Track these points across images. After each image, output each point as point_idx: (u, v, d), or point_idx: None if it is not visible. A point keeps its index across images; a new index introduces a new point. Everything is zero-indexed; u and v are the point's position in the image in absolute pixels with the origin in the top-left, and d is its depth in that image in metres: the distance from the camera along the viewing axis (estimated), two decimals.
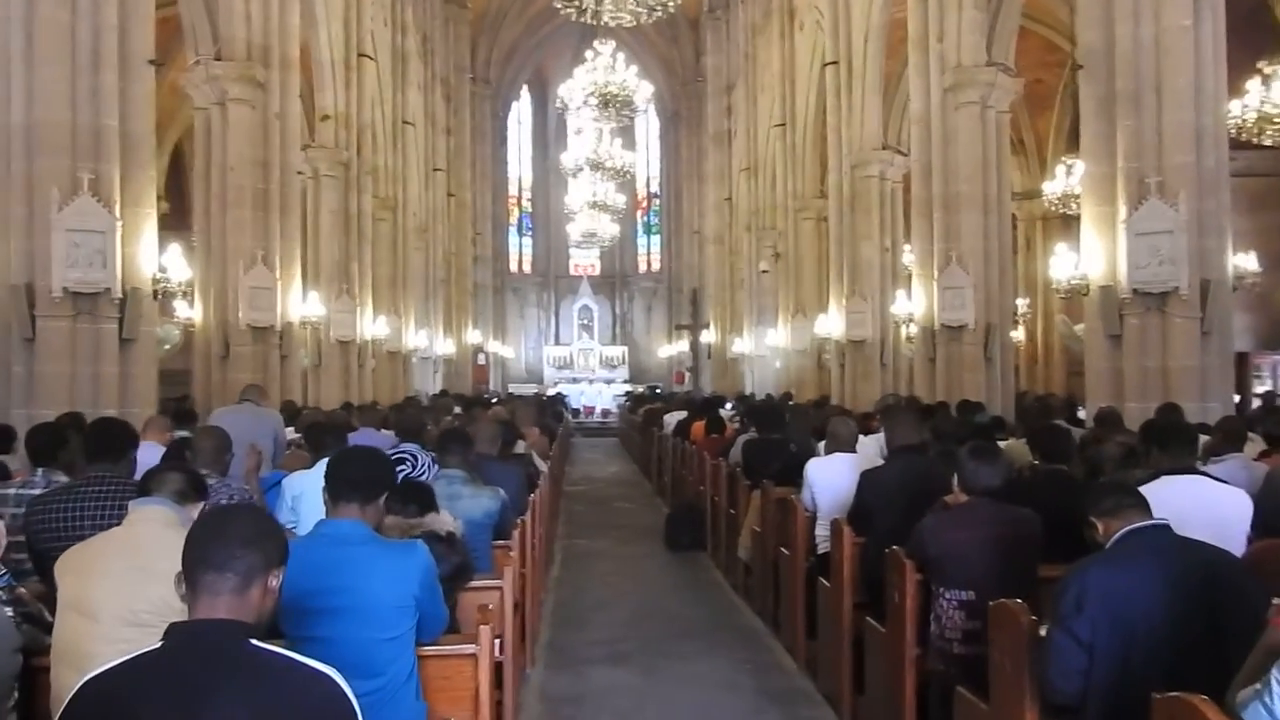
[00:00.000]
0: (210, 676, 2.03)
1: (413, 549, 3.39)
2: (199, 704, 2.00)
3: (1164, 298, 10.02)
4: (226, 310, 13.80)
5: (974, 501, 4.51)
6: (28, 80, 9.61)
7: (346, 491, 3.37)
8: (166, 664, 2.06)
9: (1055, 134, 24.45)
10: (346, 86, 19.66)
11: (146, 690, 2.03)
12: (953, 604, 4.34)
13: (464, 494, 5.22)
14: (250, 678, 2.07)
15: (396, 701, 3.17)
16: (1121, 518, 3.44)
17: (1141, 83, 10.16)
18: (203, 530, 2.27)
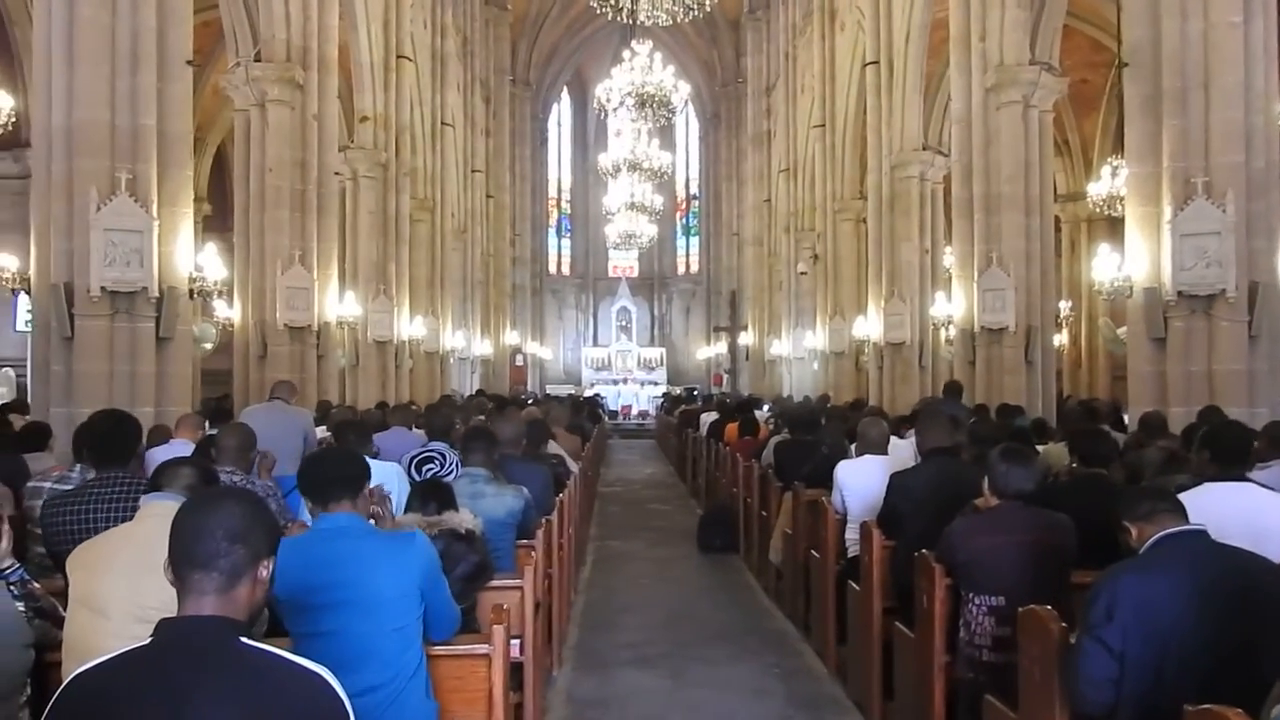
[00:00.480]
0: (197, 676, 1.98)
1: (412, 539, 3.36)
2: (185, 704, 1.95)
3: (1210, 300, 9.80)
4: (264, 310, 13.90)
5: (1005, 505, 4.38)
6: (68, 81, 9.73)
7: (336, 490, 3.34)
8: (154, 662, 2.02)
9: (1101, 135, 24.10)
10: (385, 88, 19.78)
11: (133, 688, 1.99)
12: (982, 610, 4.22)
13: (487, 492, 5.17)
14: (238, 677, 2.02)
15: (404, 697, 3.13)
16: (1156, 523, 3.32)
17: (1189, 81, 9.95)
18: (187, 523, 2.17)
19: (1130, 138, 10.86)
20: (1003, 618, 4.09)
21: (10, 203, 19.63)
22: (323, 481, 3.38)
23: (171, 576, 2.14)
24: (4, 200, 20.23)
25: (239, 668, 2.03)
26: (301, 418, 8.47)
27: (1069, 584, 4.21)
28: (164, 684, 1.98)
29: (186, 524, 2.16)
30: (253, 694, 2.00)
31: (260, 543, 2.19)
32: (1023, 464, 4.44)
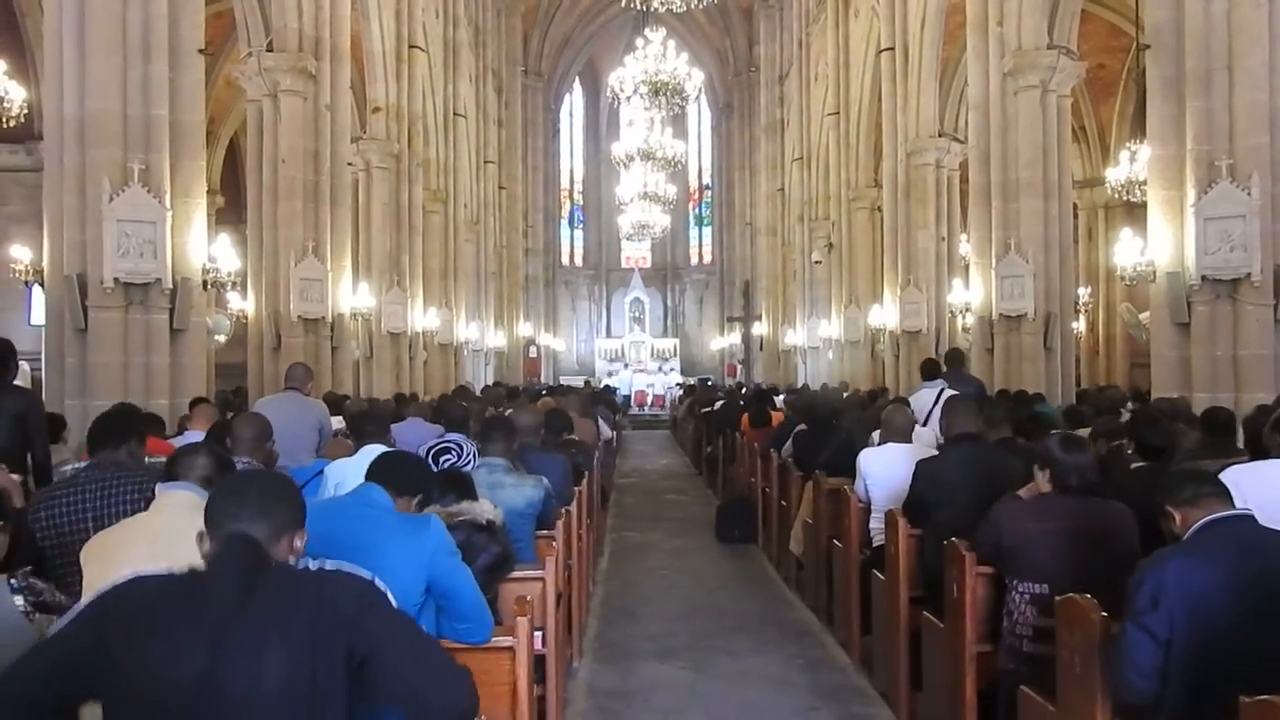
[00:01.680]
0: (249, 586, 2.08)
1: (425, 523, 3.33)
2: (239, 608, 2.05)
3: (1235, 284, 9.67)
4: (278, 302, 13.87)
5: (1054, 494, 4.20)
6: (80, 71, 9.69)
7: (387, 486, 3.45)
8: (200, 578, 2.12)
9: (1119, 120, 23.87)
10: (398, 78, 19.70)
11: (177, 600, 2.08)
12: (1025, 598, 4.08)
13: (506, 483, 5.09)
14: (288, 582, 2.16)
15: None
16: (1201, 507, 3.21)
17: (1212, 62, 9.79)
18: (225, 490, 2.33)
19: (1152, 120, 10.71)
20: (1045, 607, 3.95)
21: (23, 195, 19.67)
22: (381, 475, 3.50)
23: (206, 546, 2.22)
24: (17, 193, 20.27)
25: (287, 576, 2.20)
26: (317, 408, 8.35)
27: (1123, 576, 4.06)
28: (209, 605, 2.06)
29: (225, 491, 2.33)
30: (289, 609, 2.10)
31: (293, 511, 2.33)
32: (1084, 452, 4.27)
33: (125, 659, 2.02)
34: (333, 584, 2.23)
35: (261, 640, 2.03)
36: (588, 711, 5.74)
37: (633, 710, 5.76)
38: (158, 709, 2.00)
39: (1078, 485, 4.15)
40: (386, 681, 2.15)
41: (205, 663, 1.99)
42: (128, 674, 2.01)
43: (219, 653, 2.00)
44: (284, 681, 2.03)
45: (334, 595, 2.17)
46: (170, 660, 2.00)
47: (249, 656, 2.01)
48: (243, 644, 2.02)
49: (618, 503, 14.56)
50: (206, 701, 1.99)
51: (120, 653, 2.02)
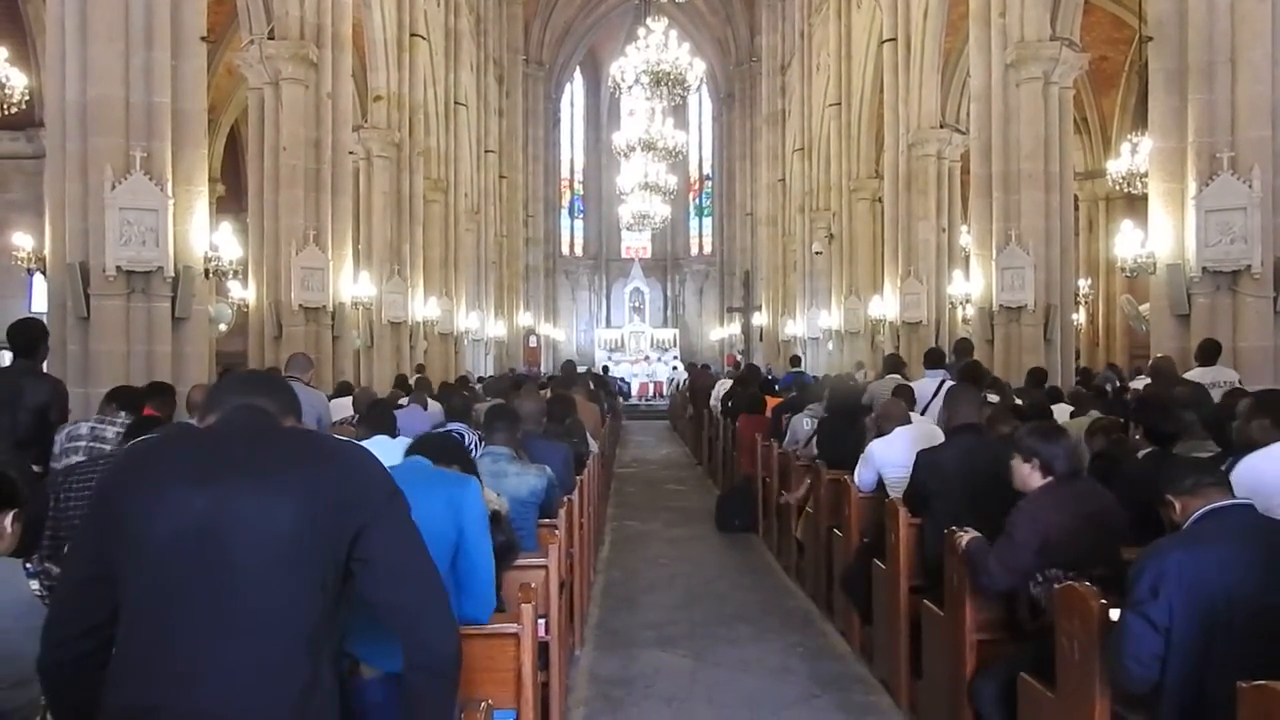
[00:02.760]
0: (254, 442, 2.12)
1: (467, 481, 3.36)
2: (245, 462, 2.06)
3: (1235, 276, 9.70)
4: (279, 290, 13.87)
5: (1060, 482, 4.23)
6: (82, 57, 9.69)
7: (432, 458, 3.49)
8: (204, 436, 2.18)
9: (1120, 113, 23.89)
10: (399, 66, 19.67)
11: (182, 457, 2.11)
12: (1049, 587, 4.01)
13: (509, 471, 5.09)
14: (292, 443, 2.17)
15: None
16: (1201, 496, 3.24)
17: (1215, 55, 9.81)
18: (227, 380, 2.38)
19: (1154, 112, 10.72)
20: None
21: (25, 182, 19.68)
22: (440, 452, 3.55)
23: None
24: (19, 180, 20.28)
25: (287, 438, 2.20)
26: (317, 399, 8.34)
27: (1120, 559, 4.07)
28: (217, 454, 2.09)
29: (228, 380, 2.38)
30: (300, 459, 2.11)
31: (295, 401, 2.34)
32: (1064, 436, 4.36)
33: (130, 512, 2.02)
34: (361, 457, 2.20)
35: (267, 491, 2.02)
36: (590, 699, 5.77)
37: (634, 697, 5.80)
38: (162, 559, 1.98)
39: (1067, 470, 4.21)
40: (385, 582, 2.10)
41: (207, 510, 1.98)
42: (134, 528, 2.00)
43: (222, 500, 1.99)
44: (287, 536, 2.01)
45: (358, 468, 2.16)
46: (171, 509, 1.99)
47: (252, 506, 2.00)
48: (246, 493, 2.01)
49: (618, 492, 14.59)
50: (208, 549, 1.97)
51: (126, 507, 2.03)
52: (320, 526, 2.03)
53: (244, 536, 1.98)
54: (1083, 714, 3.36)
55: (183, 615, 1.97)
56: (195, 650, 1.96)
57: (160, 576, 1.98)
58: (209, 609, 1.97)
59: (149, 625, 1.98)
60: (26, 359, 6.35)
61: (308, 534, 2.02)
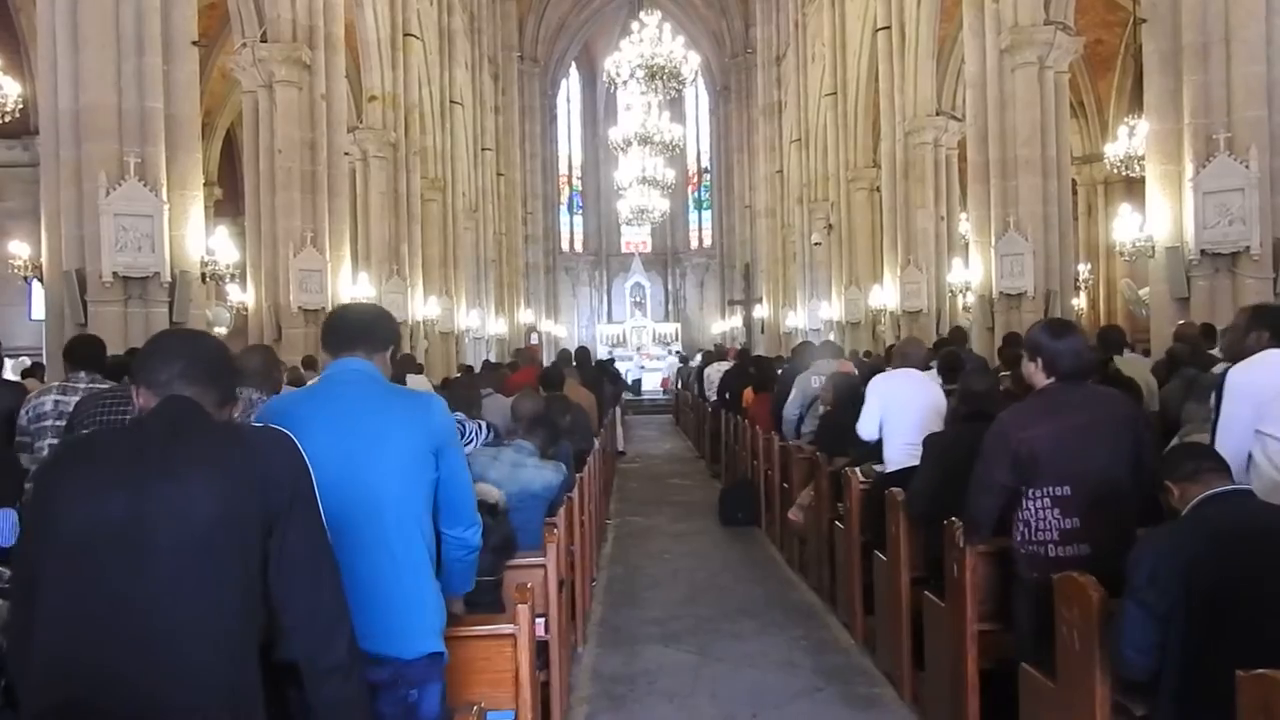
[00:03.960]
0: (173, 439, 2.10)
1: (430, 400, 3.01)
2: (164, 459, 2.06)
3: (1234, 258, 9.69)
4: (278, 293, 13.88)
5: (1057, 385, 3.95)
6: (74, 64, 9.72)
7: (346, 344, 2.98)
8: (131, 429, 2.20)
9: (1116, 96, 23.83)
10: (393, 66, 19.66)
11: (107, 449, 2.13)
12: (1043, 503, 3.89)
13: (528, 464, 5.12)
14: (211, 436, 2.15)
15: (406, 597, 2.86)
16: (1200, 483, 3.21)
17: (1209, 35, 9.79)
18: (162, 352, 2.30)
19: (1150, 95, 10.69)
20: (1069, 508, 3.85)
21: (21, 190, 19.66)
22: (336, 332, 3.04)
23: (144, 399, 2.23)
24: (15, 188, 20.26)
25: (209, 430, 2.17)
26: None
27: (1147, 462, 3.88)
28: (141, 446, 2.09)
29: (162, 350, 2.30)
30: (219, 448, 2.12)
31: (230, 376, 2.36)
32: (1075, 335, 4.02)
33: (52, 514, 2.03)
34: (275, 448, 2.20)
35: (186, 481, 2.03)
36: (593, 696, 5.75)
37: (637, 694, 5.78)
38: (89, 551, 1.99)
39: (1072, 369, 3.94)
40: (276, 572, 2.11)
41: (130, 502, 1.99)
42: (63, 522, 2.01)
43: (145, 491, 2.00)
44: (203, 537, 2.01)
45: (273, 461, 2.16)
46: (97, 500, 2.00)
47: (173, 496, 2.01)
48: (166, 484, 2.02)
49: (621, 487, 14.58)
50: (132, 541, 1.98)
51: (50, 508, 2.04)
52: (236, 525, 2.05)
53: (161, 539, 1.99)
54: (1083, 703, 3.35)
55: (104, 618, 1.97)
56: (118, 653, 1.96)
57: (80, 578, 1.99)
58: (129, 612, 1.97)
59: (70, 627, 1.98)
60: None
61: (223, 534, 2.03)
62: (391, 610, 2.76)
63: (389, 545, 2.79)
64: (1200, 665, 2.99)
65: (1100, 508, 3.85)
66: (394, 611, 2.76)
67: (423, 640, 2.82)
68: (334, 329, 3.05)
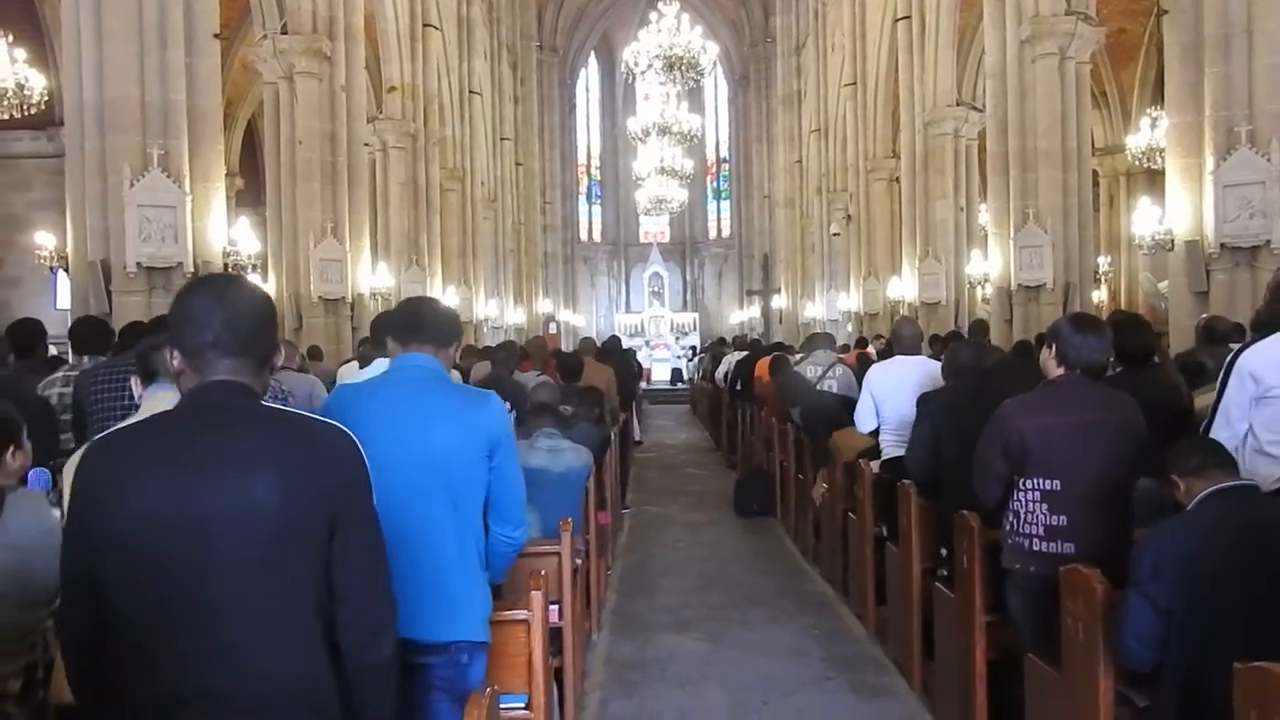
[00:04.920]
0: (224, 431, 2.01)
1: (486, 398, 3.08)
2: (216, 456, 1.98)
3: (1254, 252, 9.65)
4: (299, 283, 13.99)
5: (1065, 381, 3.95)
6: (98, 57, 9.81)
7: (416, 337, 3.09)
8: (179, 422, 2.05)
9: (1140, 86, 23.64)
10: (412, 57, 19.72)
11: (155, 444, 2.02)
12: (1034, 496, 3.92)
13: (564, 447, 5.36)
14: (266, 429, 2.06)
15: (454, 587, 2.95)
16: (1205, 478, 3.25)
17: (1231, 27, 9.72)
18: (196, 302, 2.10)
19: (1170, 87, 10.64)
20: (1056, 504, 3.86)
21: (46, 181, 19.88)
22: (407, 326, 3.14)
23: (179, 362, 2.10)
24: (40, 179, 20.49)
25: (265, 421, 2.07)
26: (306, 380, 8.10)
27: (1143, 467, 3.90)
28: (192, 439, 1.99)
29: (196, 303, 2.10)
30: (281, 444, 2.03)
31: (269, 333, 2.17)
32: (1098, 333, 3.99)
33: (111, 506, 1.96)
34: (333, 439, 2.11)
35: (249, 482, 1.96)
36: (605, 682, 5.84)
37: (649, 680, 5.86)
38: (151, 555, 1.94)
39: (1084, 366, 3.93)
40: (336, 570, 2.07)
41: (191, 503, 1.94)
42: (118, 522, 1.96)
43: (204, 493, 1.94)
44: (275, 527, 1.97)
45: (335, 453, 2.09)
46: (154, 500, 1.94)
47: (237, 498, 1.95)
48: (225, 476, 1.96)
49: (638, 476, 14.65)
50: (196, 544, 1.93)
51: (106, 501, 1.97)
52: (302, 526, 2.01)
53: (226, 543, 1.95)
54: (1087, 693, 3.40)
55: (177, 625, 1.96)
56: (198, 659, 1.95)
57: (146, 583, 1.96)
58: (201, 620, 1.96)
59: (142, 619, 1.97)
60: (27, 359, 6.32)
61: (290, 535, 2.00)
62: (441, 600, 2.88)
63: (441, 537, 2.90)
64: (1203, 658, 3.03)
65: (1091, 508, 3.86)
66: (444, 601, 2.89)
67: (470, 629, 2.95)
68: (407, 321, 3.15)
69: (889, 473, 6.09)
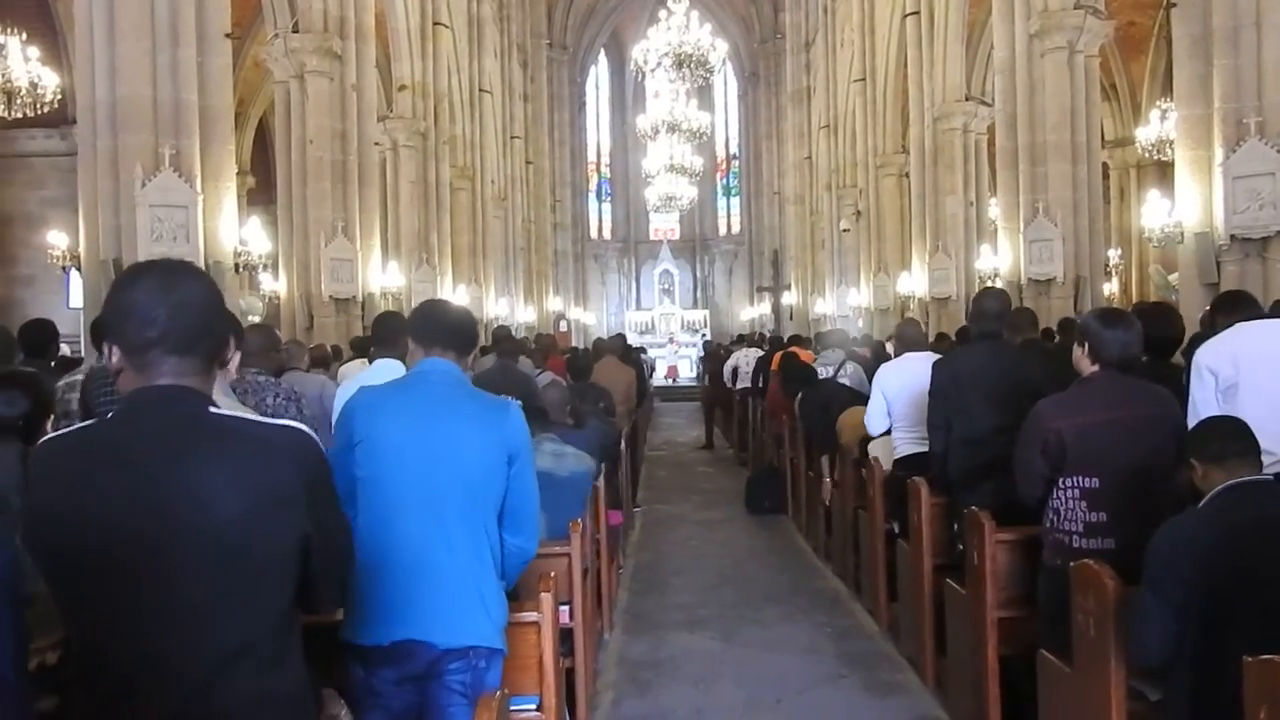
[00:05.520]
0: (176, 442, 1.85)
1: (508, 407, 3.06)
2: (168, 471, 1.82)
3: (1264, 243, 9.60)
4: (310, 282, 14.04)
5: (1100, 377, 3.92)
6: (110, 56, 9.86)
7: (439, 342, 3.07)
8: (125, 431, 1.87)
9: (1150, 78, 23.52)
10: (423, 56, 19.76)
11: (105, 459, 1.85)
12: (1073, 494, 3.89)
13: (568, 452, 5.30)
14: (221, 440, 1.89)
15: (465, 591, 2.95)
16: (1224, 468, 3.20)
17: (1240, 18, 9.67)
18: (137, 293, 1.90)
19: (1179, 80, 10.59)
20: (1096, 501, 3.84)
21: (59, 180, 19.97)
22: (429, 330, 3.11)
23: (116, 358, 1.92)
24: (54, 177, 20.57)
25: (219, 431, 1.91)
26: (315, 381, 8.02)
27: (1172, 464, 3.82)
28: (140, 452, 1.84)
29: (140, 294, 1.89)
30: (240, 455, 1.88)
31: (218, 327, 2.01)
32: (1128, 326, 3.94)
33: (64, 512, 1.83)
34: (289, 442, 1.97)
35: (203, 480, 1.83)
36: (618, 682, 5.85)
37: (662, 679, 5.87)
38: (106, 568, 1.81)
39: (1118, 360, 3.90)
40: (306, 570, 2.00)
41: (142, 503, 1.80)
42: (69, 527, 1.82)
43: (161, 505, 1.80)
44: (235, 540, 1.84)
45: (291, 455, 1.95)
46: (104, 504, 1.81)
47: (195, 510, 1.82)
48: (181, 483, 1.82)
49: (649, 475, 14.67)
50: (154, 556, 1.80)
51: (60, 508, 1.83)
52: (264, 538, 1.89)
53: (181, 545, 1.82)
54: (1100, 689, 3.40)
55: (135, 633, 1.84)
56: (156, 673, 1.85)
57: (101, 596, 1.84)
58: (159, 630, 1.84)
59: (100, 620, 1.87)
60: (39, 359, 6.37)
61: (251, 547, 1.88)
62: (459, 605, 2.89)
63: (460, 542, 2.91)
64: (1214, 654, 3.02)
65: (1131, 504, 3.82)
66: (462, 606, 2.90)
67: (488, 635, 2.94)
68: (430, 326, 3.14)
69: (903, 469, 6.09)
